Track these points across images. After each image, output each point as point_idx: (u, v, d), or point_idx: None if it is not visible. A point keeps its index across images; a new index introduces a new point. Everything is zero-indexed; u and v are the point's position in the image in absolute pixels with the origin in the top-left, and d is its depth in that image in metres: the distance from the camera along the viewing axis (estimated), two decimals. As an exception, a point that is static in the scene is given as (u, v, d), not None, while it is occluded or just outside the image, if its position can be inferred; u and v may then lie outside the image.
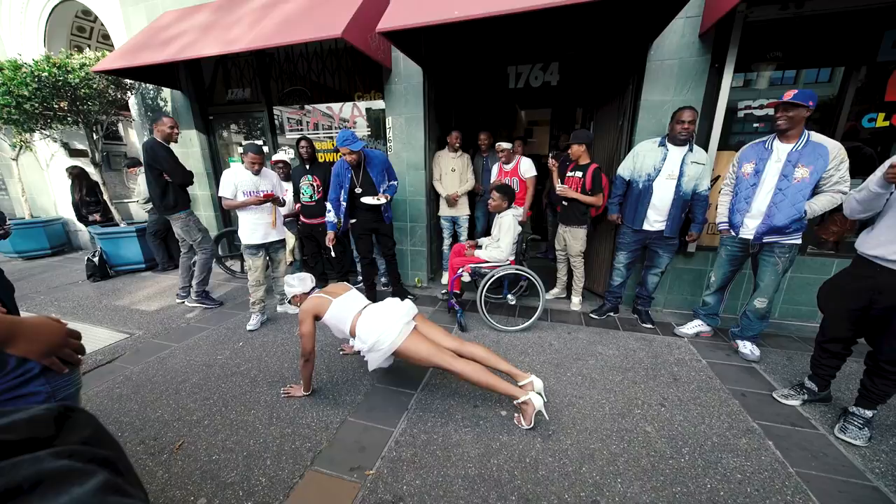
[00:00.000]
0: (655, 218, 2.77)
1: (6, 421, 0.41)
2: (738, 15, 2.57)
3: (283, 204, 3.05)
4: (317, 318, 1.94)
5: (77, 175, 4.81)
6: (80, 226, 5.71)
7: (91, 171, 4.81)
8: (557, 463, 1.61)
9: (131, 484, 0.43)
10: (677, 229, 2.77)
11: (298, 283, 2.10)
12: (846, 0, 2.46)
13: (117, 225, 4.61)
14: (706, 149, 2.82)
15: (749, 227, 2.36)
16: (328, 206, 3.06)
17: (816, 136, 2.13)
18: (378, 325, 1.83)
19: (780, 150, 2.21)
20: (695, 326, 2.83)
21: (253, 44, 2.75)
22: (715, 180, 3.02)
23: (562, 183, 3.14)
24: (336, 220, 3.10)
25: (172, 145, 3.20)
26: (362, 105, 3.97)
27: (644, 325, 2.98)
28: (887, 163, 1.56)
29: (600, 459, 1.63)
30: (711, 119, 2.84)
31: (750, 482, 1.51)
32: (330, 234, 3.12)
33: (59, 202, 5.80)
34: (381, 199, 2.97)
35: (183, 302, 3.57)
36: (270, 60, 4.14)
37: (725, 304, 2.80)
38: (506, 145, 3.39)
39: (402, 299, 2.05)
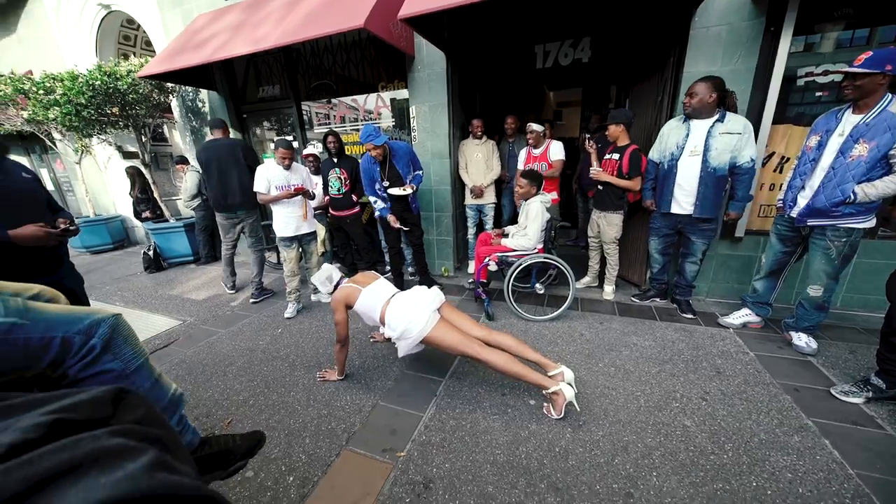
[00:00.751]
0: (683, 199, 2.58)
1: (71, 401, 0.45)
2: (800, -32, 2.28)
3: (312, 197, 3.15)
4: (348, 306, 2.00)
5: (133, 175, 5.22)
6: (136, 222, 6.23)
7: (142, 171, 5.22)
8: (588, 454, 1.59)
9: (179, 461, 0.46)
10: (711, 210, 2.51)
11: (326, 280, 2.15)
12: (937, -61, 2.11)
13: (167, 221, 4.98)
14: (758, 123, 2.57)
15: (800, 207, 2.13)
16: (371, 199, 3.12)
17: None
18: (406, 314, 1.86)
19: (848, 122, 1.94)
20: (742, 316, 2.64)
21: (280, 40, 2.81)
22: (770, 157, 2.76)
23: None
24: (386, 206, 3.13)
25: None
26: (386, 95, 3.97)
27: (683, 314, 2.82)
28: None
29: (634, 452, 1.59)
30: (766, 90, 2.58)
31: (802, 482, 1.41)
32: (391, 217, 3.11)
33: (117, 201, 6.34)
34: (408, 190, 2.99)
35: (234, 292, 3.79)
36: (297, 56, 4.23)
37: (778, 293, 2.57)
38: (537, 127, 3.27)
39: (430, 287, 2.06)
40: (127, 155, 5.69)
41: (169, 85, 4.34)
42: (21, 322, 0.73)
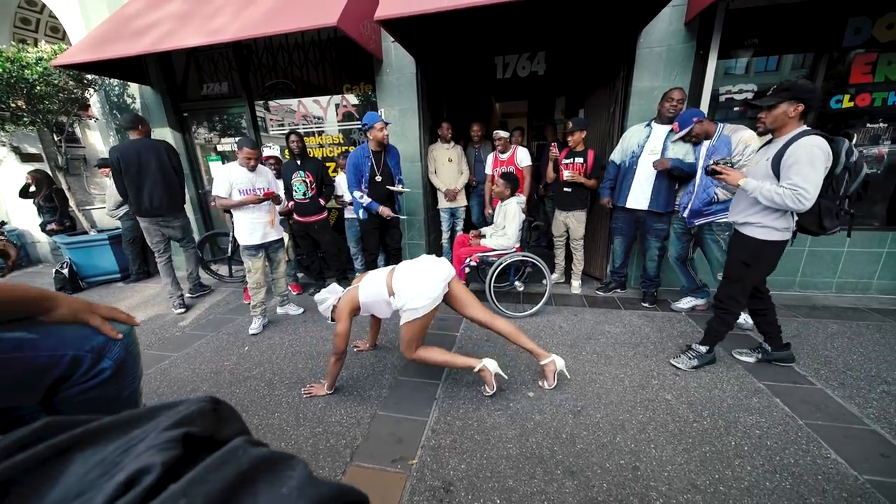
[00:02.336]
0: (640, 194, 2.87)
1: (185, 415, 0.39)
2: (721, 3, 2.71)
3: (280, 202, 2.94)
4: (355, 312, 1.92)
5: (39, 180, 4.39)
6: (40, 237, 5.25)
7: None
8: (592, 436, 1.67)
9: None
10: (663, 205, 2.81)
11: (329, 293, 2.02)
12: (815, -11, 2.66)
13: (86, 233, 4.27)
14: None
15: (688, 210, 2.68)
16: (356, 195, 2.88)
17: (728, 129, 2.44)
18: (416, 282, 1.77)
19: (705, 146, 2.55)
20: (689, 302, 2.99)
21: (241, 33, 2.61)
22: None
23: (555, 171, 3.22)
24: (371, 202, 2.91)
25: None
26: (350, 98, 3.86)
27: (643, 304, 3.11)
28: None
29: (631, 429, 1.71)
30: (698, 104, 2.99)
31: (768, 436, 1.64)
32: (385, 210, 2.90)
33: (11, 212, 5.28)
34: (408, 189, 2.94)
35: (184, 311, 3.36)
36: (249, 53, 3.94)
37: (699, 279, 2.94)
38: (503, 134, 3.42)
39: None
40: (27, 157, 4.79)
41: (89, 77, 3.76)
42: (30, 336, 0.58)
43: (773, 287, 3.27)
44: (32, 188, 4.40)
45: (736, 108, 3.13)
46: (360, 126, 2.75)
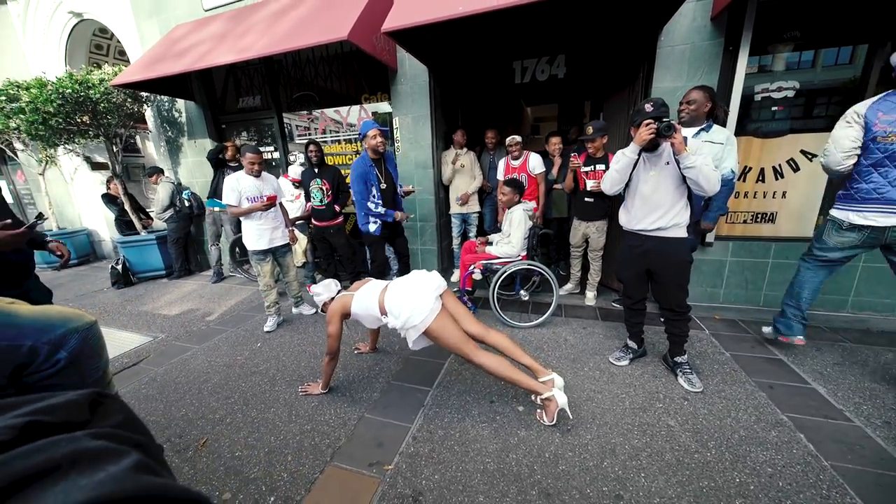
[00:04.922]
0: None
1: (45, 404, 0.42)
2: (752, -5, 2.49)
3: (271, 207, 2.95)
4: (346, 316, 1.96)
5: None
6: (105, 235, 5.93)
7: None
8: (578, 458, 1.58)
9: (161, 466, 0.43)
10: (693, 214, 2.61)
11: (324, 289, 2.11)
12: (868, -27, 2.36)
13: (139, 234, 4.77)
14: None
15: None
16: (370, 206, 2.84)
17: None
18: (409, 298, 1.76)
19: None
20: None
21: (264, 50, 2.81)
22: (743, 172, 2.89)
23: (574, 178, 3.09)
24: (378, 224, 2.90)
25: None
26: (369, 108, 4.00)
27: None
28: (644, 129, 1.76)
29: (622, 454, 1.60)
30: (727, 105, 2.75)
31: (782, 476, 1.45)
32: (400, 214, 2.93)
33: (83, 214, 6.03)
34: (418, 187, 2.96)
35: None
36: (279, 67, 4.22)
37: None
38: (517, 138, 3.36)
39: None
40: (96, 166, 5.46)
41: (144, 94, 4.23)
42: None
43: (822, 308, 2.93)
44: (119, 195, 4.95)
45: (774, 108, 2.85)
46: (357, 136, 2.81)
